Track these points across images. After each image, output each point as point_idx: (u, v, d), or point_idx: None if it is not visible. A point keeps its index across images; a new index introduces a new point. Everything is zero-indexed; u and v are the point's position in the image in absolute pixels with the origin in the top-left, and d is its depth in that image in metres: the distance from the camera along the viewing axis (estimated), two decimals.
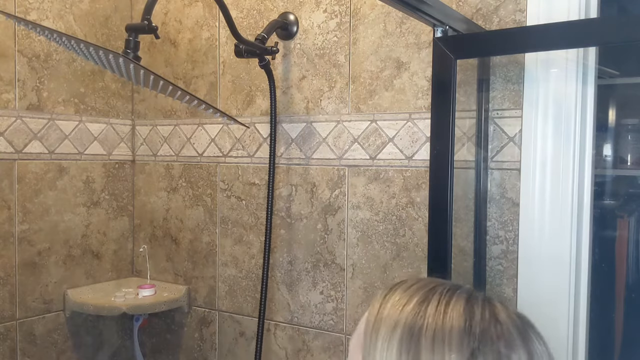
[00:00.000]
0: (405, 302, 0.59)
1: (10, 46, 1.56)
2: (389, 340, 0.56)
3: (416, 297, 0.59)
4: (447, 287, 0.60)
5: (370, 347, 0.58)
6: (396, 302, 0.59)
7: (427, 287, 0.60)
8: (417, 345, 0.55)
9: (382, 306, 0.60)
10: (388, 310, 0.59)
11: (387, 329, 0.57)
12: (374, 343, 0.57)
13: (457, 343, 0.54)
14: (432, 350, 0.54)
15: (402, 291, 0.61)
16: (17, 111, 1.58)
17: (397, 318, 0.58)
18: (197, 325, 1.77)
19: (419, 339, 0.55)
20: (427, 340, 0.55)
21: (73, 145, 1.72)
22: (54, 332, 1.70)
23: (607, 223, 2.15)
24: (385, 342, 0.56)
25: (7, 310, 1.58)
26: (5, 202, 1.57)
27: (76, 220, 1.74)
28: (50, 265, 1.68)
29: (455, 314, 0.56)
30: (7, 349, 1.59)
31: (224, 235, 1.70)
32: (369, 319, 0.60)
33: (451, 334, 0.54)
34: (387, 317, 0.58)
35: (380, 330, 0.58)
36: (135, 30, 1.14)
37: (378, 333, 0.58)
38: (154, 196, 1.85)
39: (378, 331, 0.58)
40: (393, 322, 0.57)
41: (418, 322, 0.56)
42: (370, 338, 0.58)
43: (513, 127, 1.25)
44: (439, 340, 0.54)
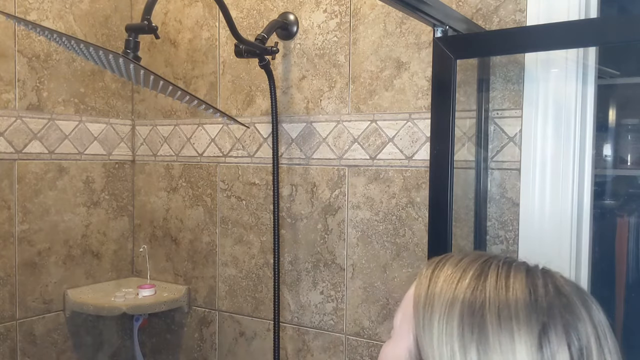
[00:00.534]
0: (459, 276, 0.57)
1: (10, 46, 1.56)
2: (447, 317, 0.54)
3: (470, 271, 0.57)
4: (501, 260, 0.58)
5: (425, 325, 0.56)
6: (449, 277, 0.57)
7: (479, 260, 0.59)
8: (481, 321, 0.53)
9: (432, 282, 0.58)
10: (441, 285, 0.57)
11: (444, 305, 0.55)
12: (429, 320, 0.55)
13: (525, 317, 0.52)
14: (499, 325, 0.52)
15: (452, 265, 0.59)
16: (17, 111, 1.58)
17: (453, 294, 0.56)
18: (197, 325, 1.77)
19: (482, 315, 0.53)
20: (492, 315, 0.53)
21: (73, 145, 1.72)
22: (54, 332, 1.70)
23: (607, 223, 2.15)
24: (443, 320, 0.55)
25: (7, 310, 1.58)
26: (5, 202, 1.57)
27: (76, 220, 1.74)
28: (50, 265, 1.68)
29: (518, 287, 0.55)
30: (7, 349, 1.59)
31: (224, 235, 1.70)
32: (418, 295, 0.58)
33: (517, 308, 0.53)
34: (441, 293, 0.56)
35: (435, 307, 0.56)
36: (135, 30, 1.14)
37: (433, 310, 0.56)
38: (154, 196, 1.85)
39: (432, 308, 0.56)
40: (449, 298, 0.55)
41: (479, 297, 0.54)
42: (423, 315, 0.56)
43: (513, 127, 1.25)
44: (506, 315, 0.53)
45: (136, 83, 1.21)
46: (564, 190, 1.19)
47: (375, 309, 1.44)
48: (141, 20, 1.15)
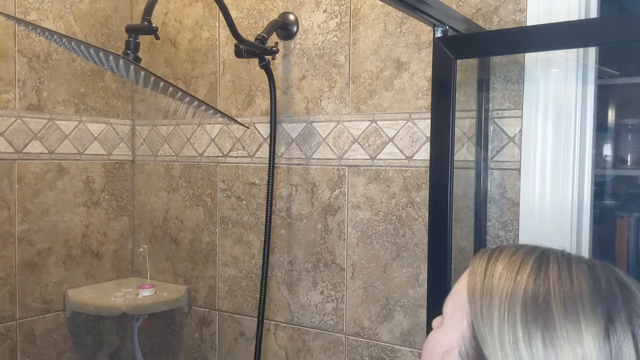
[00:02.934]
0: (518, 266, 0.58)
1: (10, 46, 1.56)
2: (508, 305, 0.55)
3: (529, 261, 0.58)
4: (559, 252, 0.59)
5: (483, 312, 0.56)
6: (507, 267, 0.58)
7: (535, 252, 0.59)
8: (546, 310, 0.53)
9: (488, 271, 0.59)
10: (499, 274, 0.58)
11: (504, 293, 0.56)
12: (488, 308, 0.56)
13: (590, 307, 0.53)
14: (564, 314, 0.53)
15: (508, 256, 0.60)
16: (17, 111, 1.58)
17: (514, 282, 0.56)
18: (197, 325, 1.77)
19: (547, 304, 0.54)
20: (557, 305, 0.54)
21: (73, 145, 1.72)
22: (54, 332, 1.70)
23: (607, 223, 2.15)
24: (504, 307, 0.55)
25: (7, 310, 1.58)
26: (5, 202, 1.57)
27: (76, 220, 1.74)
28: (50, 265, 1.68)
29: (582, 278, 0.55)
30: (7, 349, 1.59)
31: (224, 235, 1.70)
32: (473, 284, 0.59)
33: (582, 299, 0.54)
34: (500, 282, 0.57)
35: (494, 295, 0.56)
36: (135, 31, 1.14)
37: (492, 298, 0.56)
38: (154, 196, 1.85)
39: (491, 296, 0.56)
40: (509, 286, 0.56)
41: (542, 286, 0.55)
42: (480, 303, 0.57)
43: (513, 127, 1.25)
44: (571, 305, 0.53)
45: (136, 84, 1.21)
46: (564, 190, 1.19)
47: (375, 309, 1.44)
48: (141, 21, 1.15)
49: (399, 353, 1.41)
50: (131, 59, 1.12)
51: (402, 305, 1.40)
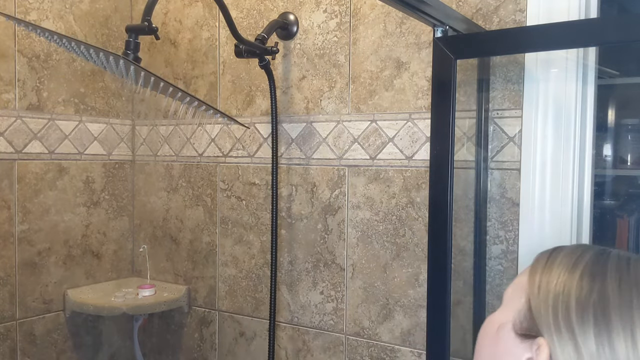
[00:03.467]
0: (578, 254, 0.61)
1: (10, 46, 1.56)
2: (565, 281, 0.58)
3: (589, 251, 0.61)
4: (619, 251, 0.62)
5: (541, 289, 0.59)
6: (567, 255, 0.61)
7: (596, 247, 0.62)
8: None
9: (549, 261, 0.62)
10: (559, 261, 0.61)
11: (562, 271, 0.59)
12: (547, 285, 0.59)
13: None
14: (619, 294, 0.55)
15: (569, 249, 0.63)
16: (17, 111, 1.58)
17: (573, 264, 0.59)
18: (197, 325, 1.77)
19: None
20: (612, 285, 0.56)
21: (73, 145, 1.72)
22: (54, 332, 1.70)
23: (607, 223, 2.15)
24: (561, 283, 0.58)
25: (7, 310, 1.58)
26: (5, 202, 1.57)
27: (76, 220, 1.74)
28: (50, 265, 1.68)
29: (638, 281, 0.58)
30: (7, 349, 1.59)
31: (224, 235, 1.70)
32: (534, 269, 0.62)
33: (638, 285, 0.56)
34: (560, 263, 0.60)
35: (553, 274, 0.59)
36: (135, 31, 1.14)
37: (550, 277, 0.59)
38: (154, 196, 1.85)
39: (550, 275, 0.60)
40: (569, 265, 0.60)
41: (600, 269, 0.58)
42: (539, 282, 0.60)
43: (513, 127, 1.25)
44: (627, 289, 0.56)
45: (136, 84, 1.21)
46: (564, 190, 1.19)
47: (375, 309, 1.44)
48: (141, 21, 1.15)
49: (399, 353, 1.41)
50: (131, 59, 1.12)
51: (402, 305, 1.40)
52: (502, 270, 1.27)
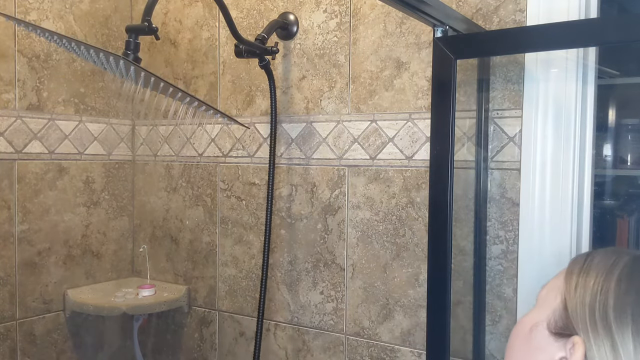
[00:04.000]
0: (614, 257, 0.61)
1: (10, 46, 1.56)
2: (603, 280, 0.58)
3: (625, 254, 0.61)
4: None
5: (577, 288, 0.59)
6: (604, 258, 0.61)
7: (632, 251, 0.62)
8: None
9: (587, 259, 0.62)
10: (597, 262, 0.60)
11: (600, 272, 0.59)
12: (584, 284, 0.58)
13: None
14: None
15: (605, 252, 0.62)
16: (17, 111, 1.58)
17: (610, 265, 0.59)
18: (197, 325, 1.77)
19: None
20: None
21: (73, 145, 1.72)
22: (54, 332, 1.70)
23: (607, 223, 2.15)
24: (599, 282, 0.58)
25: (7, 310, 1.58)
26: (5, 202, 1.57)
27: (76, 220, 1.74)
28: (50, 265, 1.68)
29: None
30: (7, 349, 1.59)
31: (224, 235, 1.70)
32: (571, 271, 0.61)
33: None
34: (597, 265, 0.60)
35: (590, 275, 0.59)
36: (135, 31, 1.14)
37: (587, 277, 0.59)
38: (154, 196, 1.85)
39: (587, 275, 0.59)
40: (606, 267, 0.59)
41: (637, 270, 0.58)
42: (577, 282, 0.59)
43: (513, 127, 1.25)
44: None
45: (136, 85, 1.21)
46: (564, 190, 1.19)
47: (375, 309, 1.44)
48: (141, 22, 1.15)
49: (399, 353, 1.41)
50: (131, 60, 1.12)
51: (402, 305, 1.40)
52: (502, 270, 1.27)
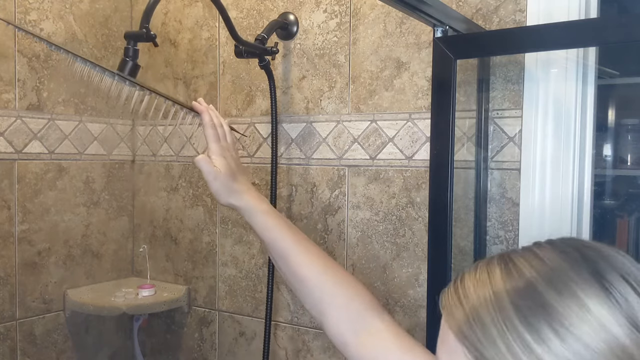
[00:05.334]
0: (486, 276, 0.53)
1: (10, 46, 1.56)
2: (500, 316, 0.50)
3: (494, 266, 0.54)
4: (516, 249, 0.56)
5: (481, 339, 0.50)
6: (476, 282, 0.53)
7: (495, 256, 0.56)
8: (539, 299, 0.49)
9: (460, 298, 0.54)
10: (474, 294, 0.52)
11: (490, 306, 0.51)
12: (483, 331, 0.50)
13: (576, 275, 0.50)
14: (559, 293, 0.49)
15: (472, 274, 0.55)
16: (17, 111, 1.58)
17: (492, 291, 0.51)
18: (197, 325, 1.77)
19: (537, 294, 0.50)
20: (546, 289, 0.50)
21: (73, 145, 1.72)
22: (54, 332, 1.70)
23: (607, 223, 2.15)
24: (498, 320, 0.50)
25: (7, 310, 1.58)
26: (5, 202, 1.57)
27: (76, 220, 1.74)
28: (50, 265, 1.68)
29: (551, 255, 0.53)
30: (7, 349, 1.59)
31: (224, 235, 1.70)
32: (454, 318, 0.53)
33: (565, 271, 0.51)
34: (479, 299, 0.52)
35: (482, 314, 0.51)
36: (134, 38, 1.13)
37: (481, 319, 0.50)
38: (154, 196, 1.85)
39: (479, 317, 0.51)
40: (490, 297, 0.51)
41: (521, 281, 0.51)
42: (473, 333, 0.51)
43: (513, 127, 1.25)
44: (559, 282, 0.50)
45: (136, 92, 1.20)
46: (564, 190, 1.19)
47: None
48: (140, 28, 1.14)
49: None
50: (126, 76, 1.11)
51: (402, 305, 1.40)
52: None
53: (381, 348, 0.81)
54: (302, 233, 0.93)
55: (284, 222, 0.94)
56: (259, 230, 0.95)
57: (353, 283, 0.89)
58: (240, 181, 1.00)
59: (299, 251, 0.90)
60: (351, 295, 0.87)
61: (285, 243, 0.91)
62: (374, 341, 0.82)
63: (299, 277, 0.89)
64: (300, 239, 0.92)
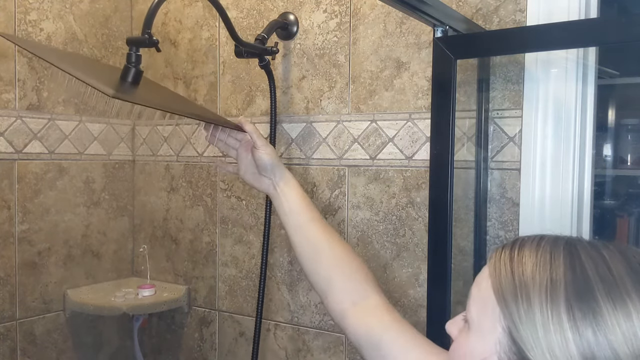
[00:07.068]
0: (549, 259, 0.55)
1: (10, 46, 1.56)
2: (550, 304, 0.52)
3: (559, 254, 0.56)
4: (583, 240, 0.58)
5: (522, 319, 0.53)
6: (538, 262, 0.55)
7: (561, 242, 0.58)
8: (593, 303, 0.52)
9: (516, 270, 0.56)
10: (531, 274, 0.55)
11: (543, 292, 0.53)
12: (527, 311, 0.53)
13: (634, 290, 0.52)
14: (613, 304, 0.52)
15: (534, 251, 0.57)
16: (17, 111, 1.58)
17: (551, 278, 0.54)
18: (197, 325, 1.77)
19: (594, 297, 0.52)
20: (602, 295, 0.52)
21: (73, 145, 1.72)
22: (54, 332, 1.69)
23: (607, 223, 2.15)
24: (546, 307, 0.52)
25: (7, 310, 1.58)
26: (5, 202, 1.57)
27: (76, 220, 1.74)
28: (50, 265, 1.68)
29: (617, 262, 0.55)
30: (7, 349, 1.59)
31: (224, 235, 1.70)
32: (502, 286, 0.56)
33: (625, 283, 0.53)
34: (534, 282, 0.54)
35: (532, 295, 0.53)
36: (136, 43, 1.13)
37: (530, 299, 0.53)
38: (154, 196, 1.85)
39: (529, 296, 0.53)
40: (547, 283, 0.53)
41: (581, 280, 0.53)
42: (517, 309, 0.54)
43: (513, 127, 1.25)
44: (617, 293, 0.52)
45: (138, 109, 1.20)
46: (564, 190, 1.19)
47: None
48: (142, 34, 1.14)
49: None
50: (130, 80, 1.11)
51: (402, 305, 1.40)
52: None
53: (376, 321, 0.89)
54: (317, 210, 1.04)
55: (304, 197, 1.04)
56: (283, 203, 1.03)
57: (355, 256, 0.99)
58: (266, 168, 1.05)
59: (317, 225, 1.00)
60: (356, 267, 0.96)
61: (302, 217, 1.01)
62: (369, 313, 0.91)
63: (316, 247, 0.97)
64: (318, 215, 1.02)
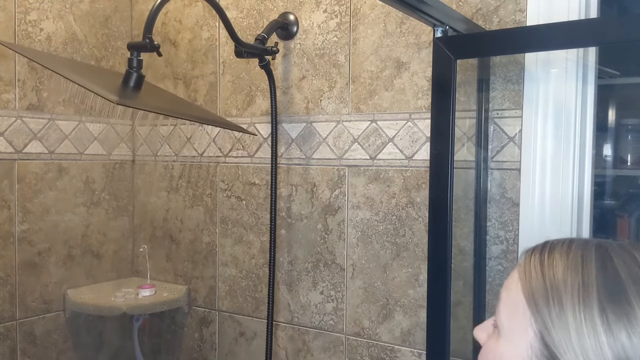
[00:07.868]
0: (580, 262, 0.55)
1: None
2: (583, 307, 0.52)
3: (591, 257, 0.55)
4: (613, 243, 0.57)
5: (554, 323, 0.53)
6: (569, 265, 0.55)
7: (591, 244, 0.57)
8: (626, 305, 0.52)
9: (547, 273, 0.55)
10: (562, 277, 0.54)
11: (575, 299, 0.53)
12: (560, 314, 0.53)
13: None
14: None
15: (564, 252, 0.57)
16: (17, 111, 1.58)
17: (583, 281, 0.53)
18: (197, 325, 1.77)
19: (627, 299, 0.52)
20: (633, 294, 0.52)
21: (73, 145, 1.72)
22: (54, 332, 1.69)
23: (607, 223, 2.15)
24: (579, 311, 0.52)
25: (7, 310, 1.58)
26: (5, 202, 1.57)
27: (76, 220, 1.74)
28: (50, 265, 1.68)
29: None
30: (7, 349, 1.59)
31: (224, 235, 1.70)
32: (533, 290, 0.55)
33: None
34: (566, 286, 0.54)
35: (564, 298, 0.53)
36: (137, 48, 1.13)
37: (562, 302, 0.53)
38: (154, 196, 1.85)
39: (560, 300, 0.53)
40: (579, 289, 0.53)
41: (614, 283, 0.53)
42: (549, 312, 0.53)
43: (513, 127, 1.25)
44: None
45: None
46: (564, 190, 1.19)
47: (375, 309, 1.44)
48: (143, 38, 1.14)
49: (398, 353, 1.41)
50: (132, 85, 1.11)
51: (402, 305, 1.40)
52: (502, 270, 1.27)
53: None
54: None
55: None
56: None
57: None
58: None
59: None
60: None
61: None
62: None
63: None
64: None
